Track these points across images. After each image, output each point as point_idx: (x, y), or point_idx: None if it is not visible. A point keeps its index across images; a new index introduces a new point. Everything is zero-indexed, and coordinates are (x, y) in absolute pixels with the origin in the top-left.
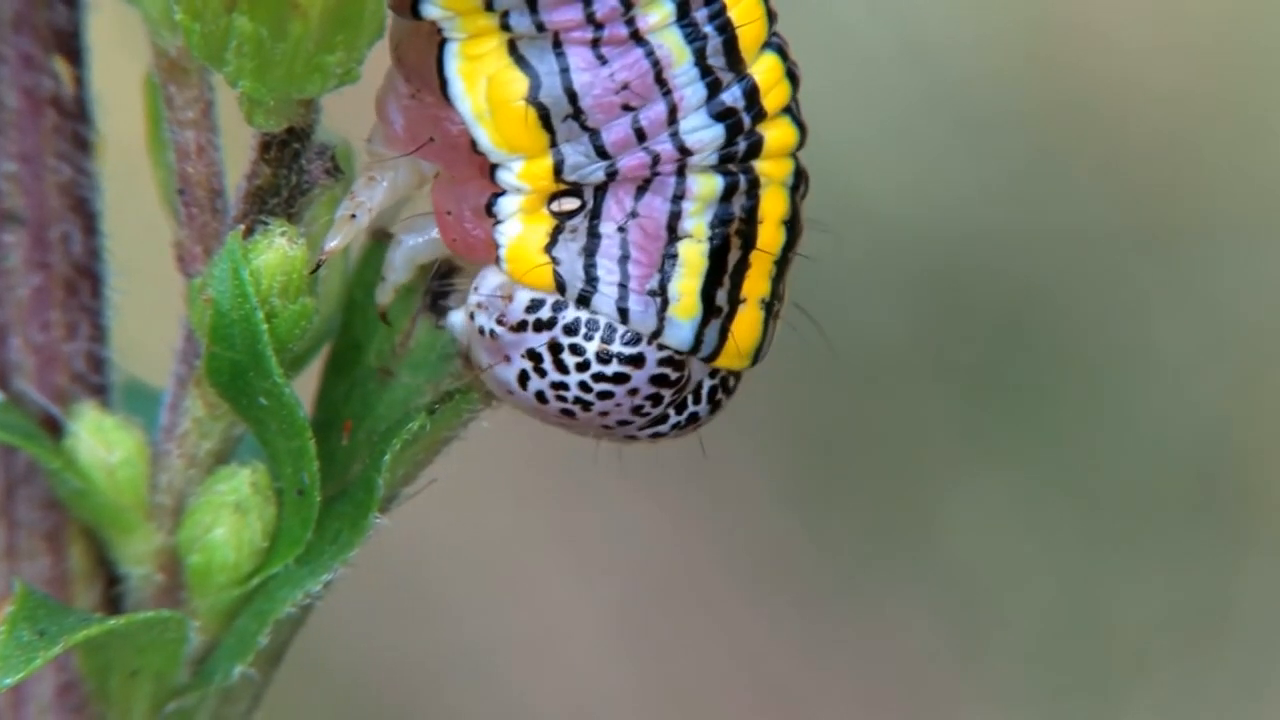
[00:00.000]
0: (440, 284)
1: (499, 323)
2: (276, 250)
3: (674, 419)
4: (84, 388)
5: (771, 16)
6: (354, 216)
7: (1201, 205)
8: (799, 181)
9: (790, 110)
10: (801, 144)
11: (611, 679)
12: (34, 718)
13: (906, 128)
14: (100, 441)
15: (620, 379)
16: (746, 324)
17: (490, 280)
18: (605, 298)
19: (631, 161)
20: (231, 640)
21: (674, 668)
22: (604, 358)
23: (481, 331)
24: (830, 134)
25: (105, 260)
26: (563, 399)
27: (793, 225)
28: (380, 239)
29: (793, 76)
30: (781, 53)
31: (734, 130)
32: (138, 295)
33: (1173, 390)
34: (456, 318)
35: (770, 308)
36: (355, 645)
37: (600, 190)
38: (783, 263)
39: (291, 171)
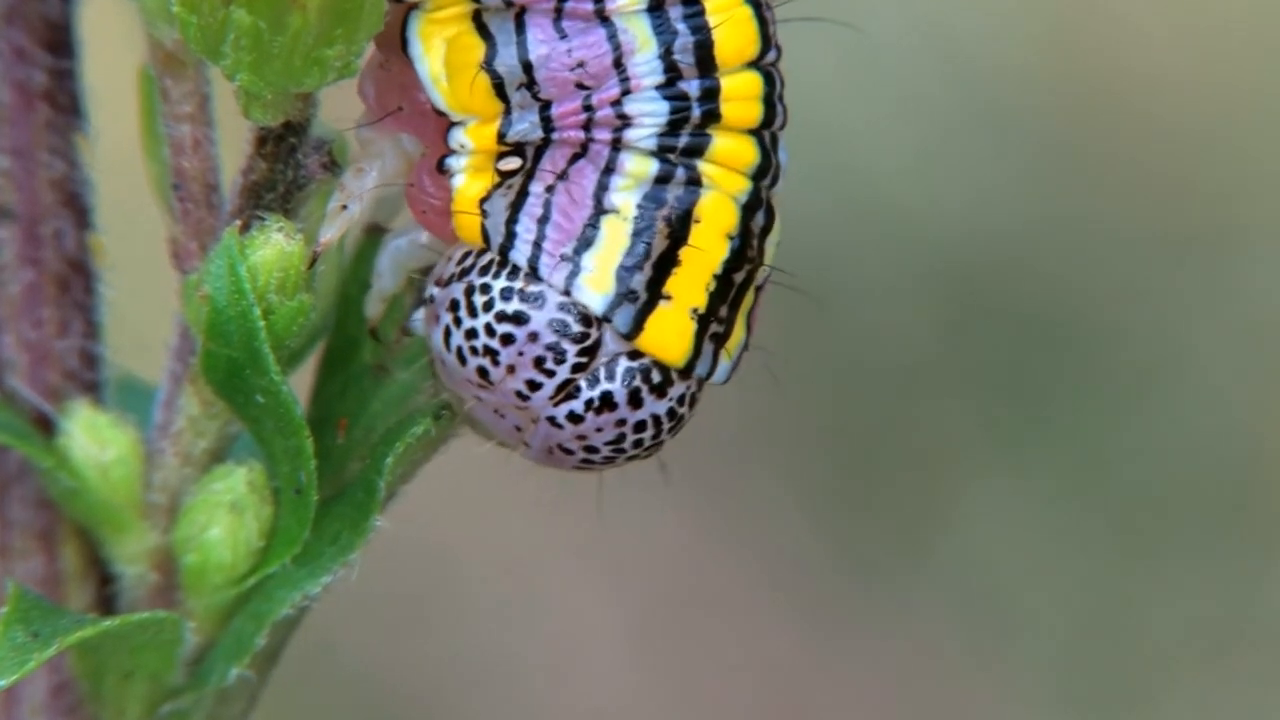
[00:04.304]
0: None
1: (436, 283)
2: (273, 246)
3: (585, 393)
4: (77, 385)
5: (769, 43)
6: (345, 208)
7: (1234, 202)
8: (757, 205)
9: (759, 136)
10: (765, 172)
11: (630, 687)
12: (27, 719)
13: (927, 120)
14: (94, 440)
15: (520, 319)
16: (668, 324)
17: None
18: (519, 254)
19: (569, 120)
20: (228, 641)
21: (693, 676)
22: (506, 294)
23: (426, 303)
24: (849, 126)
25: (94, 233)
26: (475, 351)
27: (742, 247)
28: (374, 234)
29: (771, 104)
30: (770, 80)
31: (679, 114)
32: (131, 291)
33: (1202, 393)
34: (419, 314)
35: (705, 323)
36: (374, 650)
37: (539, 152)
38: (726, 282)
39: (288, 166)
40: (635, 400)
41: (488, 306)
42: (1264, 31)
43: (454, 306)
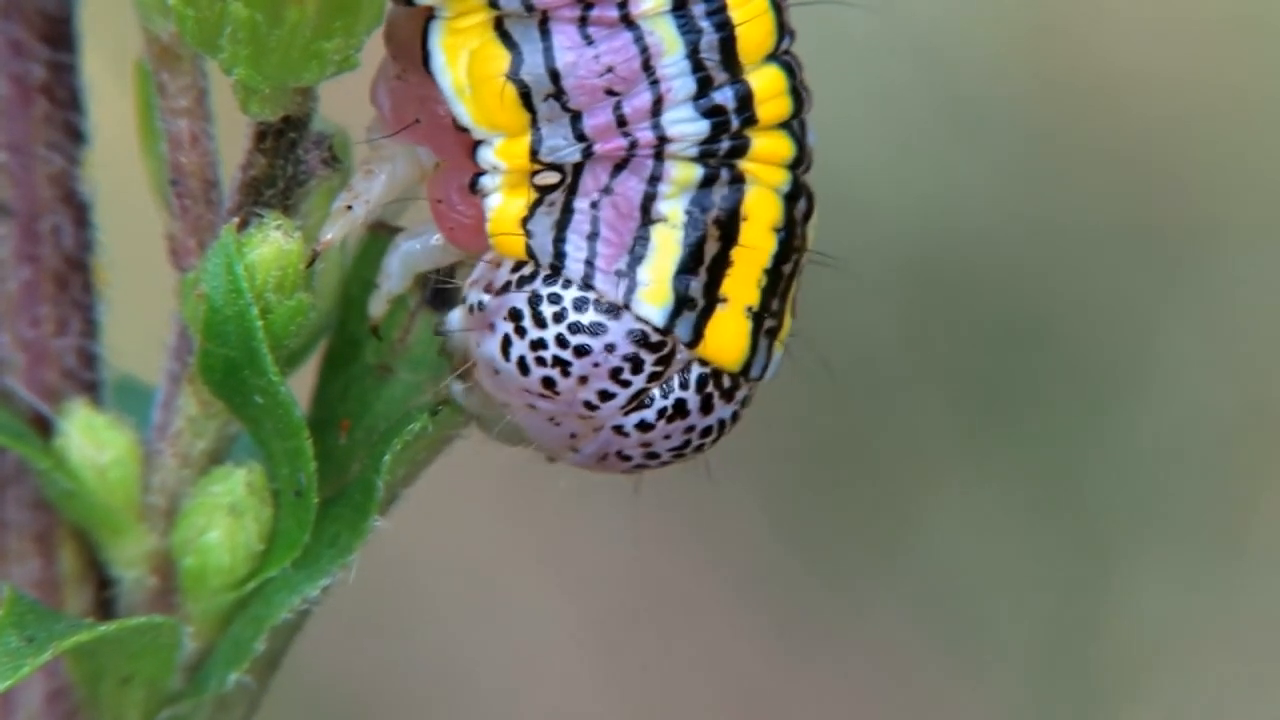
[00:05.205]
0: (441, 278)
1: (486, 290)
2: (272, 243)
3: (659, 402)
4: (75, 385)
5: (784, 31)
6: (351, 209)
7: (1209, 199)
8: (798, 194)
9: (790, 127)
10: (800, 161)
11: (590, 696)
12: None
13: (896, 113)
14: (91, 441)
15: (596, 330)
16: (727, 327)
17: (483, 258)
18: (573, 274)
19: (609, 145)
20: (226, 646)
21: (658, 683)
22: (580, 304)
23: (472, 309)
24: (815, 119)
25: (96, 253)
26: (542, 362)
27: (788, 238)
28: (378, 232)
29: (797, 95)
30: (790, 70)
31: (719, 129)
32: (130, 290)
33: (1174, 394)
34: (454, 316)
35: (760, 320)
36: (331, 656)
37: (578, 167)
38: (776, 275)
39: (288, 162)
40: (707, 406)
41: (559, 317)
42: (1246, 23)
43: (516, 316)
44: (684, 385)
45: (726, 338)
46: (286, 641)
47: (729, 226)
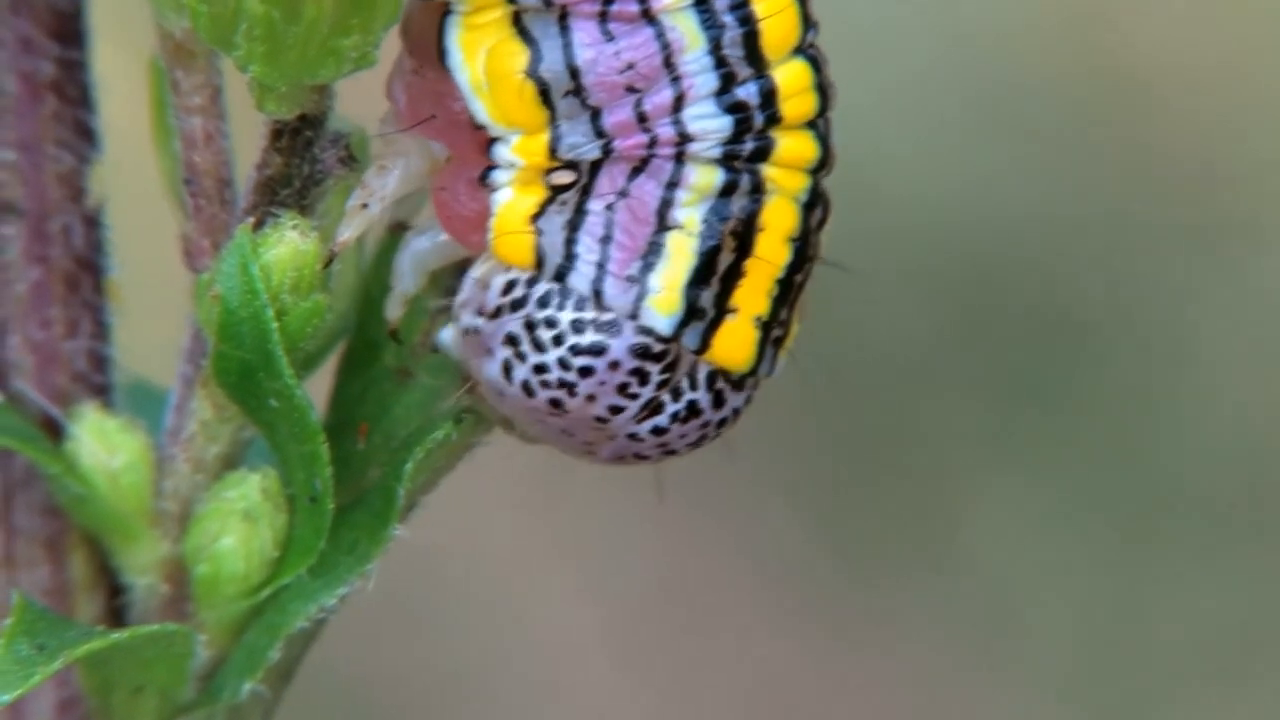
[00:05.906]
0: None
1: (479, 314)
2: (288, 244)
3: (671, 406)
4: (85, 388)
5: (809, 23)
6: (366, 206)
7: (1246, 194)
8: (815, 202)
9: (815, 126)
10: (824, 164)
11: (617, 696)
12: None
13: (931, 103)
14: (103, 445)
15: (598, 350)
16: (734, 337)
17: (469, 275)
18: (581, 276)
19: (629, 141)
20: (240, 655)
21: (683, 686)
22: (578, 326)
23: (467, 332)
24: (845, 109)
25: (108, 254)
26: (547, 385)
27: (802, 247)
28: (396, 232)
29: (823, 91)
30: (815, 64)
31: (742, 126)
32: (142, 291)
33: (1217, 393)
34: (447, 333)
35: (768, 329)
36: (352, 658)
37: (595, 167)
38: (787, 285)
39: (304, 161)
40: (719, 401)
41: (558, 341)
42: None
43: (513, 341)
44: (694, 385)
45: (733, 347)
46: (302, 650)
47: (745, 238)
